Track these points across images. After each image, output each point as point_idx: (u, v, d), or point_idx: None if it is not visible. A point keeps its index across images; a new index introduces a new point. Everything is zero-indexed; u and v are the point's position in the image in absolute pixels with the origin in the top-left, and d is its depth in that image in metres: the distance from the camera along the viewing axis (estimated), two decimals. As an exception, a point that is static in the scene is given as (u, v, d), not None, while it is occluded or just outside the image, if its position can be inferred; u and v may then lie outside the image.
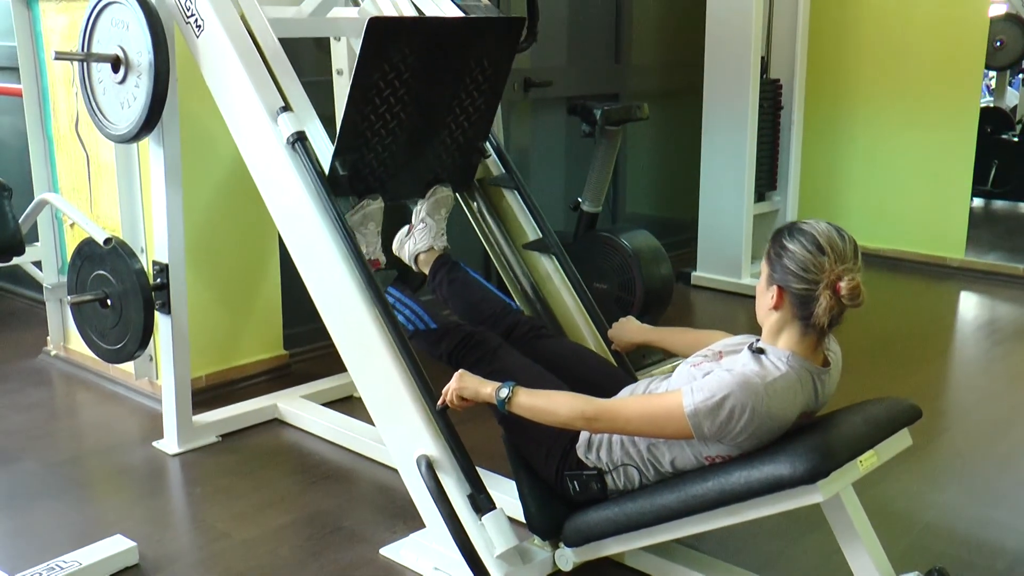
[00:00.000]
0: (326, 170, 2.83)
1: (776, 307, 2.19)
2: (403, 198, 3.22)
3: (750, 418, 2.11)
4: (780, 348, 2.21)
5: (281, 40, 3.02)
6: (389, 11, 3.28)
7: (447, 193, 3.16)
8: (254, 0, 3.04)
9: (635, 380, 2.65)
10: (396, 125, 2.90)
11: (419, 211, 3.16)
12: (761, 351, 2.22)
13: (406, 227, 3.21)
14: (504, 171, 3.28)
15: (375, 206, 2.99)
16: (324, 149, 2.91)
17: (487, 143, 3.27)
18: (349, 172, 2.87)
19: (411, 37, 2.78)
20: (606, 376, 2.76)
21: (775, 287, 2.18)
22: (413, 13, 3.27)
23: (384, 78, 2.79)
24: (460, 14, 3.19)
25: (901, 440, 2.32)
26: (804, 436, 2.16)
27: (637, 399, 2.34)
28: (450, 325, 2.83)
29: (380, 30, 2.70)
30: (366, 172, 2.94)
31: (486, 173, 3.31)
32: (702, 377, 2.23)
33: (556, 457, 2.50)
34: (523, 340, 2.88)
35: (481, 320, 2.94)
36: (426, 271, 3.15)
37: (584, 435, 2.46)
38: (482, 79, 3.03)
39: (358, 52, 2.71)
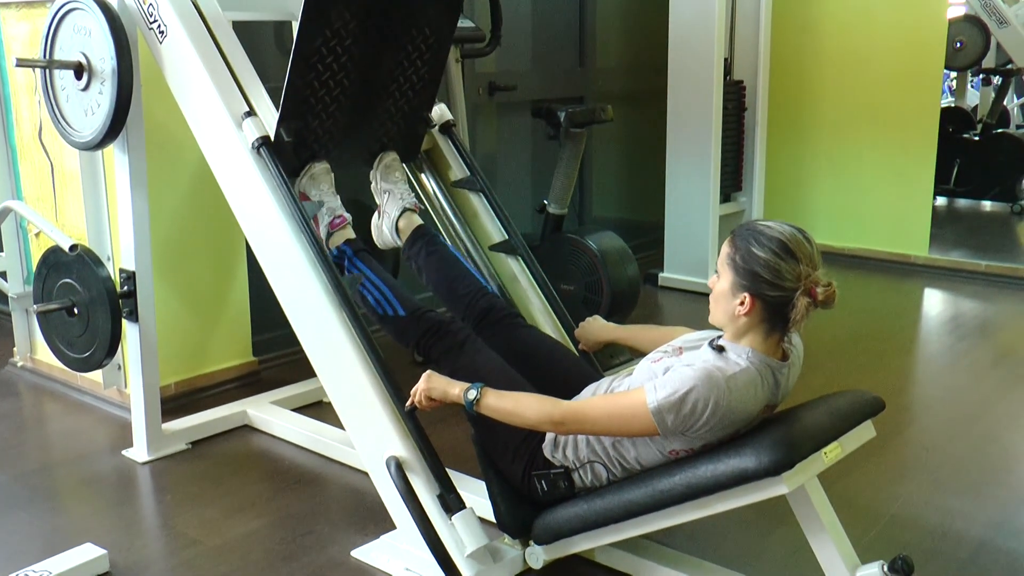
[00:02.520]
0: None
1: (747, 314, 2.20)
2: (349, 165, 3.20)
3: (713, 411, 2.14)
4: (742, 346, 2.23)
5: (244, 45, 3.02)
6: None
7: (393, 156, 3.17)
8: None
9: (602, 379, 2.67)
10: (340, 92, 2.91)
11: (376, 187, 3.16)
12: (722, 348, 2.24)
13: (375, 213, 3.20)
14: (470, 174, 3.30)
15: (320, 167, 3.00)
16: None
17: (431, 113, 3.27)
18: (294, 139, 2.88)
19: (351, 3, 2.79)
20: (575, 371, 2.77)
21: (746, 295, 2.18)
22: None
23: (326, 44, 2.80)
24: None
25: (865, 432, 2.35)
26: (769, 429, 2.19)
27: (602, 399, 2.36)
28: (418, 313, 2.82)
29: None
30: (311, 139, 2.95)
31: (451, 175, 3.33)
32: (663, 373, 2.25)
33: (523, 457, 2.52)
34: (497, 324, 2.89)
35: (456, 297, 2.94)
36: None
37: (550, 434, 2.48)
38: (424, 47, 3.05)
39: (299, 18, 2.72)
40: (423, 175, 3.38)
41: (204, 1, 3.00)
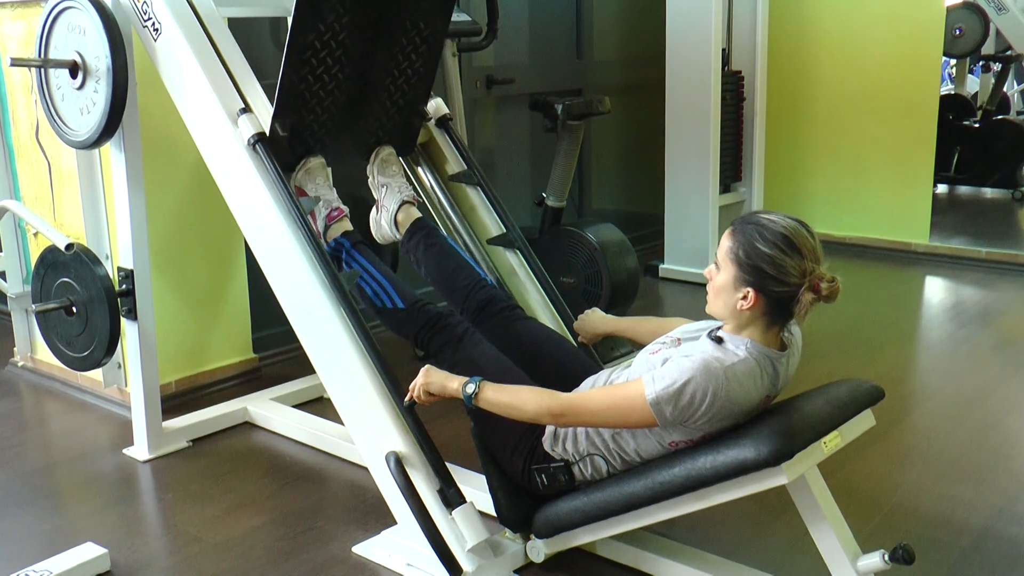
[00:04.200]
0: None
1: (750, 308, 2.18)
2: (345, 160, 3.21)
3: (711, 402, 2.13)
4: (742, 337, 2.23)
5: (239, 41, 3.02)
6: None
7: (390, 150, 3.16)
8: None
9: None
10: (334, 86, 2.91)
11: (373, 181, 3.15)
12: (720, 339, 2.24)
13: (373, 208, 3.19)
14: (467, 168, 3.29)
15: (315, 162, 3.01)
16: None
17: (426, 106, 3.27)
18: (289, 134, 2.88)
19: None
20: (574, 363, 2.76)
21: (749, 290, 2.16)
22: None
23: (320, 38, 2.80)
24: None
25: (864, 420, 2.34)
26: (768, 419, 2.18)
27: (600, 391, 2.35)
28: (417, 305, 2.82)
29: None
30: (306, 134, 2.95)
31: (448, 169, 3.32)
32: (661, 364, 2.25)
33: (523, 451, 2.51)
34: (496, 317, 2.88)
35: (454, 290, 2.94)
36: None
37: (550, 427, 2.47)
38: (419, 40, 3.04)
39: (292, 11, 2.72)
40: (420, 169, 3.37)
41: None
